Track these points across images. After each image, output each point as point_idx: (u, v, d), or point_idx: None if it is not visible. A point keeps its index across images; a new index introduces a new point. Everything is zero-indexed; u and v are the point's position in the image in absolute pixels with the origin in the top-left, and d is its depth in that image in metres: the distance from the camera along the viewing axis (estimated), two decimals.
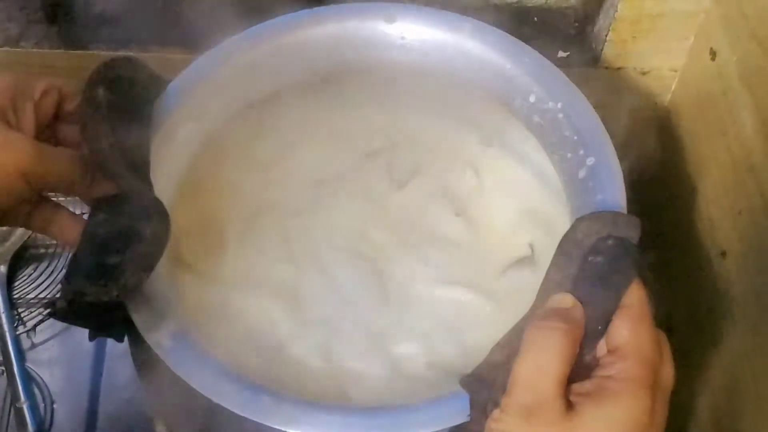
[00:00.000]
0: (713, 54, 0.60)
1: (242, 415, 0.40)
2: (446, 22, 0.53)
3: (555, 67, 0.51)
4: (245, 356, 0.49)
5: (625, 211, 0.45)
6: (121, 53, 0.64)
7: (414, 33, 0.54)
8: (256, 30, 0.53)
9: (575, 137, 0.48)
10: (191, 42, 0.65)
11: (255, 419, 0.40)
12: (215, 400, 0.40)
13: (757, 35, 0.54)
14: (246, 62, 0.53)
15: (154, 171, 0.47)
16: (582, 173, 0.47)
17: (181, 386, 0.43)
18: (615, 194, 0.45)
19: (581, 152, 0.48)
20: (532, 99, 0.51)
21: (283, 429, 0.40)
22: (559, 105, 0.50)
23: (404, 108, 0.59)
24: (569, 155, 0.48)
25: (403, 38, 0.54)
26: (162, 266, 0.45)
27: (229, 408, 0.40)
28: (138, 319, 0.43)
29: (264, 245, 0.55)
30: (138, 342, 0.48)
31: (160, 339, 0.42)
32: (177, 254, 0.52)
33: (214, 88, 0.52)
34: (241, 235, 0.55)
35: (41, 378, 0.63)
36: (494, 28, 0.53)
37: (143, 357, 0.48)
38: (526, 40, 0.65)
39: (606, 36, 0.63)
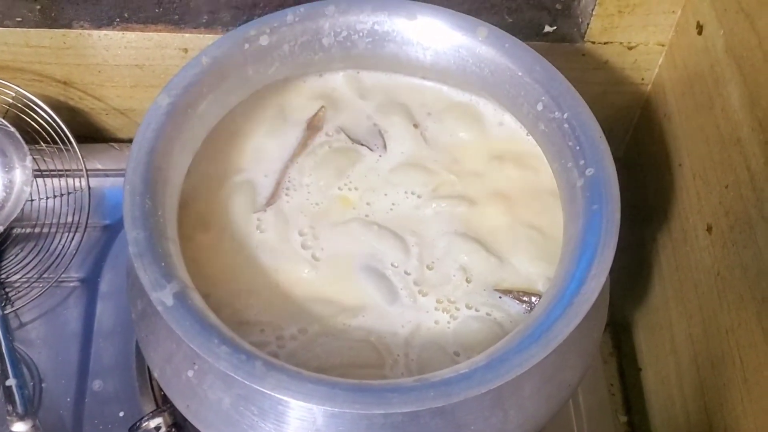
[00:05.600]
0: (700, 28, 0.60)
1: (235, 376, 0.41)
2: (463, 25, 0.55)
3: (564, 77, 0.52)
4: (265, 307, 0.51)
5: (618, 222, 0.46)
6: (103, 31, 0.65)
7: (431, 32, 0.55)
8: (279, 15, 0.55)
9: (577, 147, 0.50)
10: (174, 19, 0.65)
11: (247, 381, 0.41)
12: (211, 360, 0.42)
13: (744, 8, 0.54)
14: (265, 45, 0.54)
15: (173, 140, 0.50)
16: (580, 182, 0.49)
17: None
18: (610, 205, 0.47)
19: (581, 162, 0.49)
20: (539, 107, 0.52)
21: (271, 393, 0.41)
22: (565, 115, 0.51)
23: None
24: (569, 164, 0.50)
25: (420, 35, 0.56)
26: (174, 228, 0.48)
27: (223, 369, 0.42)
28: (145, 277, 0.44)
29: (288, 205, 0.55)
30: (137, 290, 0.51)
31: (162, 297, 0.44)
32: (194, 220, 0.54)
33: (233, 66, 0.54)
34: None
35: (30, 357, 0.63)
36: (509, 34, 0.54)
37: (141, 306, 0.51)
38: (513, 14, 0.66)
39: (592, 10, 0.63)
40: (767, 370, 0.50)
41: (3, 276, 0.65)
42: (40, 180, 0.67)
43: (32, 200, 0.67)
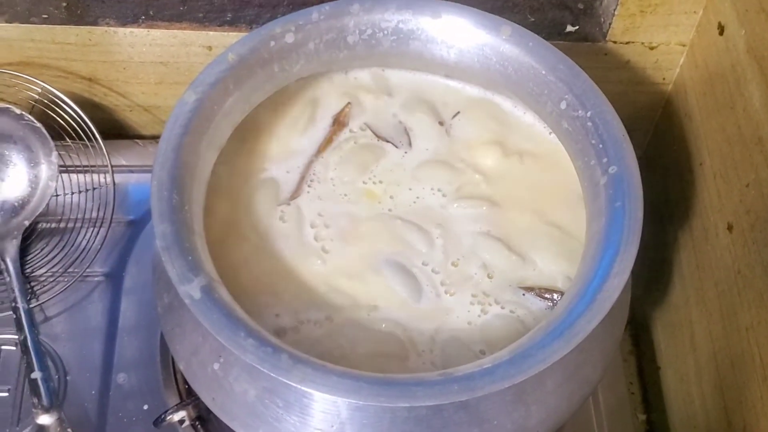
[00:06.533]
0: (721, 28, 0.60)
1: (261, 369, 0.42)
2: (487, 24, 0.55)
3: (587, 76, 0.52)
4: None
5: (641, 219, 0.47)
6: (129, 28, 0.65)
7: (455, 30, 0.56)
8: (304, 13, 0.55)
9: (600, 145, 0.50)
10: (199, 17, 0.66)
11: (272, 374, 0.42)
12: (237, 353, 0.42)
13: (765, 8, 0.54)
14: (291, 43, 0.55)
15: (199, 136, 0.50)
16: (603, 180, 0.49)
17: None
18: (633, 203, 0.47)
19: (605, 160, 0.49)
20: (563, 105, 0.52)
21: (297, 386, 0.42)
22: (589, 113, 0.51)
23: None
24: (592, 162, 0.50)
25: (444, 34, 0.56)
26: (200, 223, 0.49)
27: (249, 362, 0.42)
28: (172, 271, 0.45)
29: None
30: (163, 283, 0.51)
31: (190, 291, 0.44)
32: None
33: (258, 63, 0.54)
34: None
35: (55, 351, 0.63)
36: (533, 33, 0.54)
37: (167, 300, 0.51)
38: (535, 13, 0.66)
39: (614, 10, 0.63)
40: None
41: (28, 270, 0.66)
42: (65, 175, 0.68)
43: (57, 195, 0.67)
